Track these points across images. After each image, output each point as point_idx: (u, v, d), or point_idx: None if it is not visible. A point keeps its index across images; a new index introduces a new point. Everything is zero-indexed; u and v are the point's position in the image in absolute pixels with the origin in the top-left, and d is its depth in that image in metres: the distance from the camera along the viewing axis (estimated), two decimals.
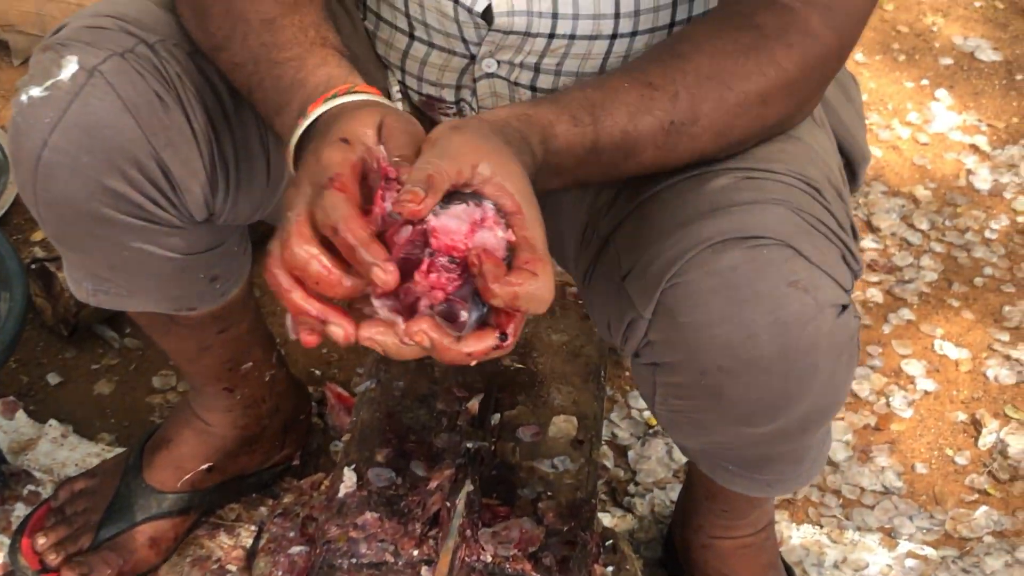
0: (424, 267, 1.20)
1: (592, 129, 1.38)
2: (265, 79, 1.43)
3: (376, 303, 1.21)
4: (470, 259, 1.19)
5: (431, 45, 1.63)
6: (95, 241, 1.57)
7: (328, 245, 1.20)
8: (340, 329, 1.21)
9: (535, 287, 1.19)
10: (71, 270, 1.69)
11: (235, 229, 1.71)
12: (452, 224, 1.21)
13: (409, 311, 1.21)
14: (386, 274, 1.17)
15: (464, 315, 1.18)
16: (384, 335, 1.20)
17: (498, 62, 1.60)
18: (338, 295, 1.21)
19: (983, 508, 2.26)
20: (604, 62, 1.57)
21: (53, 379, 2.39)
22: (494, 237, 1.21)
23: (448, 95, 1.66)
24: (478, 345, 1.20)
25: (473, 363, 1.21)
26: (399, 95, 1.70)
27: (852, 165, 1.72)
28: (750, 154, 1.48)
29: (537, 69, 1.59)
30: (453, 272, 1.20)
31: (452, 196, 1.22)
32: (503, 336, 1.20)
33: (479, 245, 1.20)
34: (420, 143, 1.27)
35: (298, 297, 1.21)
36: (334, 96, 1.35)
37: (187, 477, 2.02)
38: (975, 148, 3.09)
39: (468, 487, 1.68)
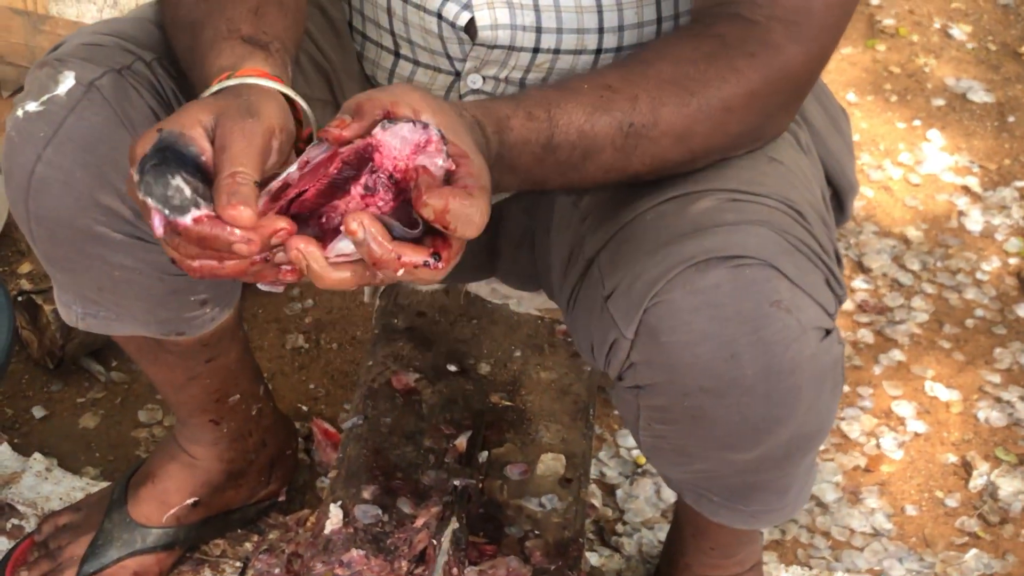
0: (361, 182, 1.20)
1: (547, 125, 1.38)
2: (195, 83, 1.42)
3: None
4: (408, 174, 1.20)
5: (416, 63, 1.62)
6: (86, 260, 1.56)
7: None
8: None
9: (467, 204, 1.19)
10: (60, 293, 1.68)
11: None
12: (395, 143, 1.20)
13: (331, 236, 1.21)
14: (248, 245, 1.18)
15: (397, 230, 1.18)
16: (309, 246, 1.19)
17: (483, 78, 1.59)
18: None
19: (973, 551, 2.25)
20: None
21: (38, 412, 2.37)
22: (434, 164, 1.21)
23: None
24: (412, 255, 1.19)
25: (401, 275, 1.20)
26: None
27: (840, 195, 1.72)
28: (733, 176, 1.48)
29: (522, 85, 1.58)
30: (387, 194, 1.21)
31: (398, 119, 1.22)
32: (436, 256, 1.20)
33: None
34: (266, 145, 1.25)
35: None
36: (216, 85, 1.33)
37: (172, 512, 2.00)
38: (967, 189, 3.09)
39: (454, 524, 1.67)
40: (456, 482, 1.74)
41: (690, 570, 1.93)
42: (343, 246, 1.20)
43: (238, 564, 2.09)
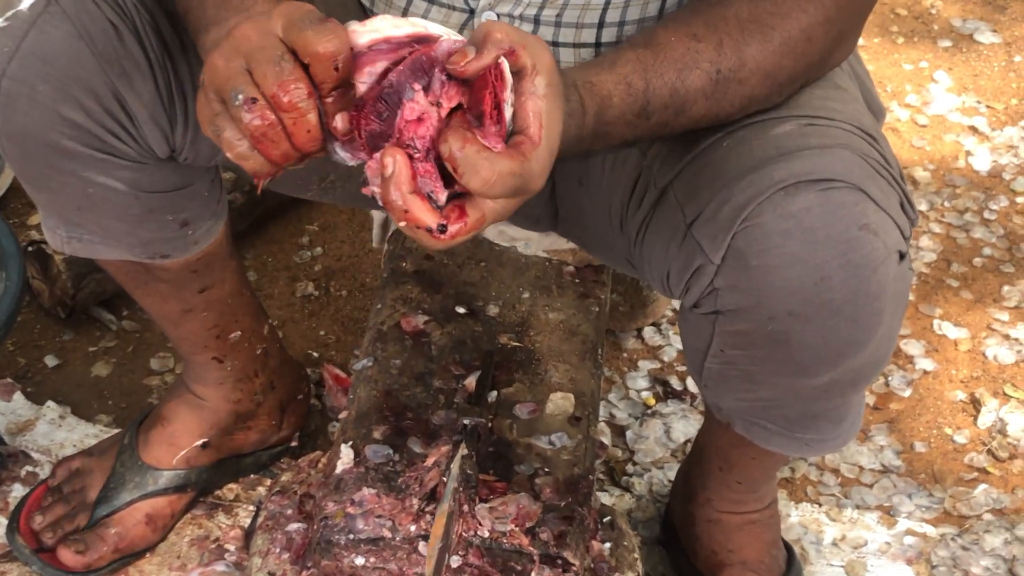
0: (417, 96, 1.20)
1: (644, 95, 1.39)
2: None
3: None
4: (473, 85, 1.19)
5: (431, 1, 1.62)
6: (59, 176, 1.58)
7: None
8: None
9: (484, 156, 1.18)
10: (45, 217, 1.70)
11: (203, 171, 1.71)
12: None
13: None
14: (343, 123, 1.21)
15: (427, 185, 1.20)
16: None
17: (497, 15, 1.59)
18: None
19: (982, 486, 2.26)
20: (603, 12, 1.56)
21: (51, 361, 2.39)
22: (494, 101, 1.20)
23: None
24: (419, 214, 1.20)
25: (403, 227, 1.21)
26: None
27: (874, 118, 1.72)
28: (806, 103, 1.49)
29: (537, 21, 1.58)
30: (435, 118, 1.21)
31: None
32: (442, 228, 1.20)
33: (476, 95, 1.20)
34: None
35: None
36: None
37: (182, 454, 2.01)
38: (974, 129, 3.08)
39: (463, 451, 1.68)
40: (466, 421, 1.75)
41: (711, 505, 1.94)
42: None
43: (251, 508, 2.10)
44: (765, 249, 1.38)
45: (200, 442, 2.02)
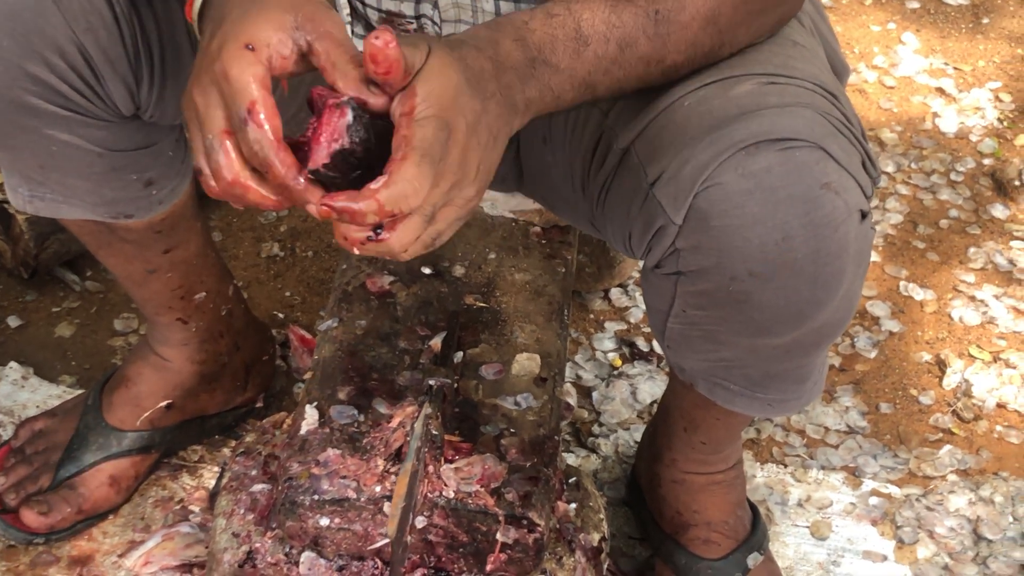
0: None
1: (571, 18, 1.38)
2: None
3: None
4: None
5: None
6: (23, 134, 1.56)
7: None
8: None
9: (395, 186, 1.17)
10: (7, 176, 1.68)
11: (167, 131, 1.70)
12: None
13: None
14: (319, 207, 1.18)
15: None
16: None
17: None
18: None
19: (947, 447, 2.27)
20: None
21: (13, 322, 2.37)
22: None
23: (408, 8, 1.63)
24: (350, 230, 1.20)
25: (356, 252, 1.22)
26: (348, 18, 1.67)
27: (837, 77, 1.72)
28: (766, 61, 1.48)
29: None
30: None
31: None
32: (378, 228, 1.20)
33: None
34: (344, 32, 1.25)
35: (256, 197, 1.22)
36: None
37: (146, 415, 2.00)
38: (941, 91, 3.09)
39: (427, 410, 1.67)
40: (431, 382, 1.74)
41: (676, 465, 1.94)
42: None
43: (216, 469, 2.10)
44: (726, 210, 1.37)
45: (164, 403, 2.01)
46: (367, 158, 1.21)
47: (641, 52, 1.42)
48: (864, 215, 1.43)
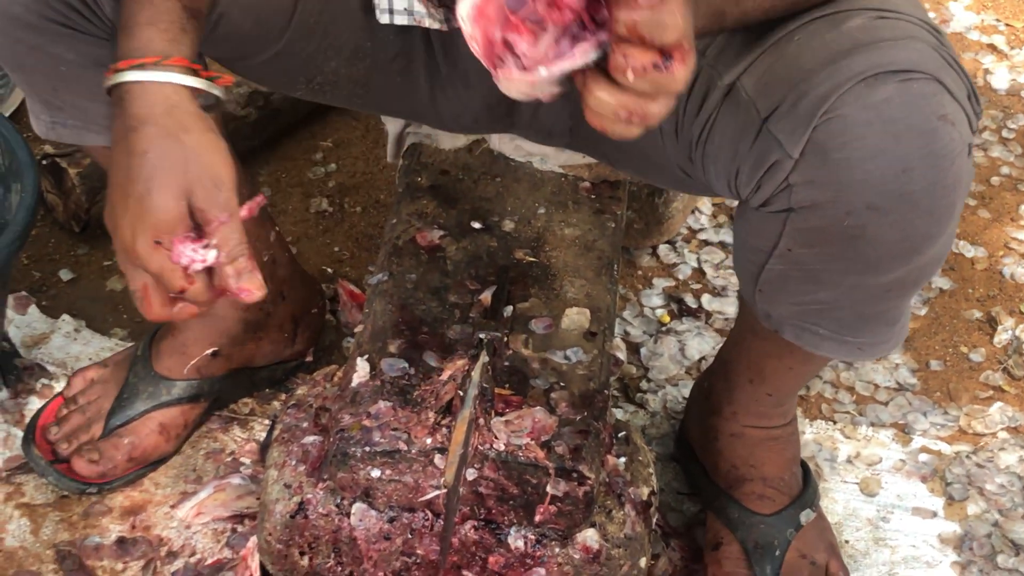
0: None
1: None
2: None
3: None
4: None
5: None
6: (30, 53, 1.58)
7: None
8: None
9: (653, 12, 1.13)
10: (30, 103, 1.71)
11: None
12: None
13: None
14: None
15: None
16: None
17: None
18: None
19: (997, 404, 2.26)
20: None
21: (65, 275, 2.39)
22: None
23: None
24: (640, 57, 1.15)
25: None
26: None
27: None
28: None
29: None
30: None
31: None
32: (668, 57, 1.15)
33: None
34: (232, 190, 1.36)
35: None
36: (140, 66, 1.37)
37: (193, 363, 2.02)
38: (993, 48, 3.06)
39: (484, 358, 1.68)
40: (481, 335, 1.75)
41: (736, 419, 1.94)
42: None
43: (266, 422, 2.11)
44: (847, 141, 1.37)
45: (210, 351, 2.02)
46: None
47: None
48: (970, 149, 1.43)
